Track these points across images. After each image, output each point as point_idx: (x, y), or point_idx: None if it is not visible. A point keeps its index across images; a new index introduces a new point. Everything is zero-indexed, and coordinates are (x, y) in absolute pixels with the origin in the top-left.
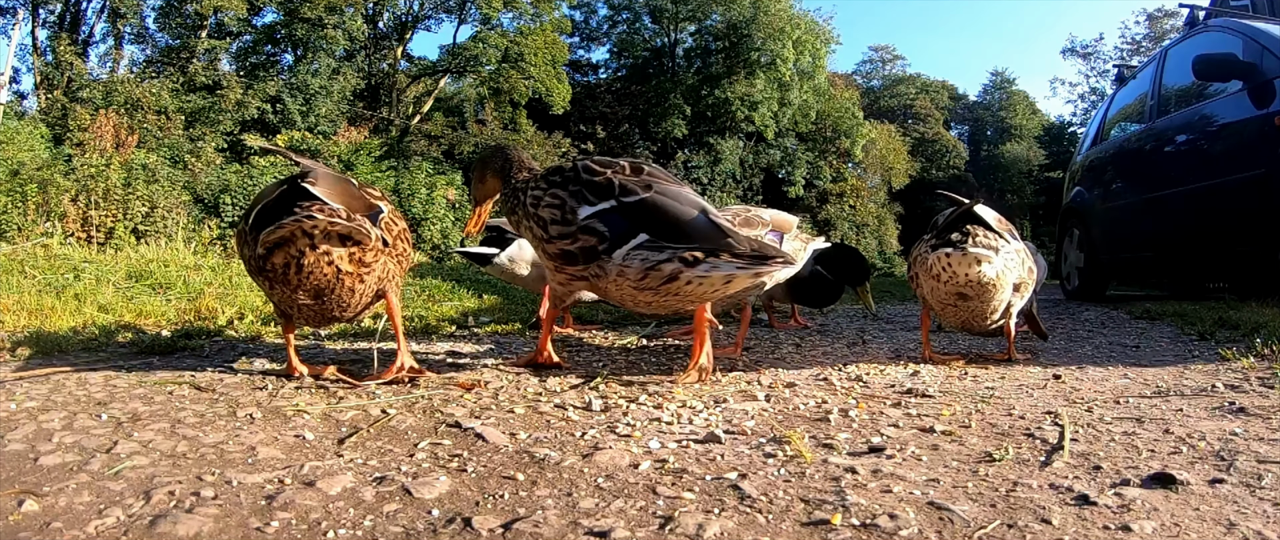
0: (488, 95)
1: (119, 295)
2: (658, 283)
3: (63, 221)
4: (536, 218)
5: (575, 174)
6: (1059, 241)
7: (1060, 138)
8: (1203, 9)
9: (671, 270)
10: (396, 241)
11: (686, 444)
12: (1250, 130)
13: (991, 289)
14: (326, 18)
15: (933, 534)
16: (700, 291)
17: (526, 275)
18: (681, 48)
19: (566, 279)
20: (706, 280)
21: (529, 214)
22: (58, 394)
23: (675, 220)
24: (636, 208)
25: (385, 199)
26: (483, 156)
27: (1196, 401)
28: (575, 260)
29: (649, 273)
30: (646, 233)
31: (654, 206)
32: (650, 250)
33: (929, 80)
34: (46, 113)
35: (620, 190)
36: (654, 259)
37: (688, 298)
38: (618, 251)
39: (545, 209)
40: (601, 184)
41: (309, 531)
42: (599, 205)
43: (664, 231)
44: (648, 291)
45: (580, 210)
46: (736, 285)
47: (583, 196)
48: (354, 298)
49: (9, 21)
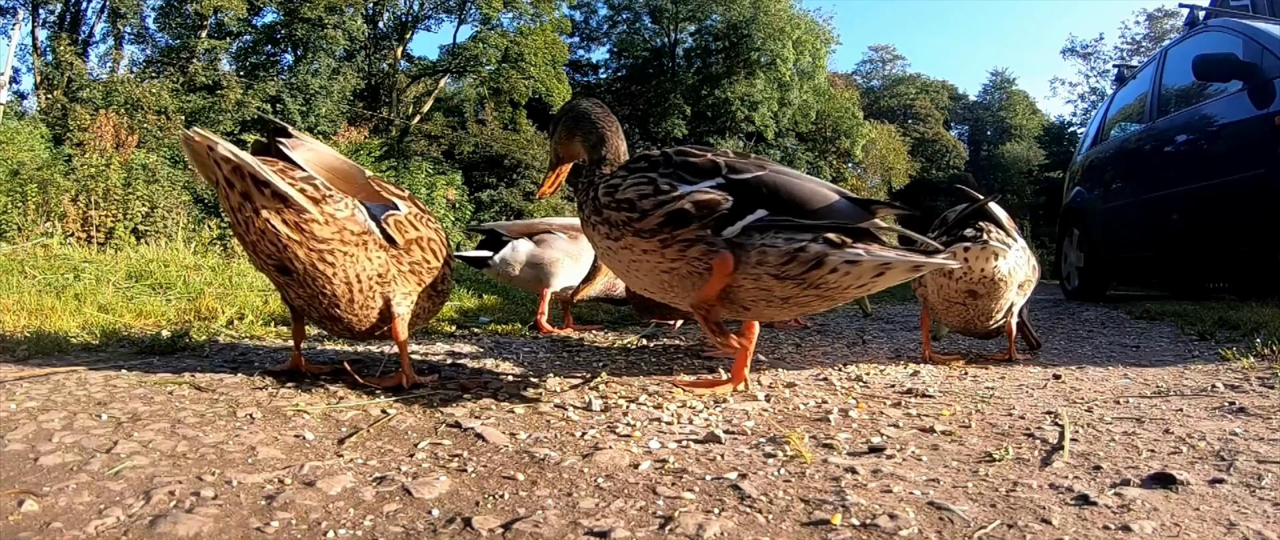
0: (488, 95)
1: (119, 295)
2: (801, 269)
3: (63, 221)
4: (618, 203)
5: (665, 158)
6: (1059, 241)
7: (1060, 138)
8: (1203, 9)
9: (817, 252)
10: (411, 247)
11: (686, 444)
12: (1250, 130)
13: (1003, 285)
14: (326, 18)
15: (933, 534)
16: (844, 283)
17: (522, 276)
18: (681, 48)
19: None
20: (856, 268)
21: (608, 204)
22: (58, 394)
23: (803, 199)
24: (752, 186)
25: (411, 201)
26: (577, 115)
27: (1196, 401)
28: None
29: (794, 256)
30: (767, 210)
31: (775, 185)
32: (790, 231)
33: (929, 80)
34: (46, 113)
35: (728, 169)
36: (798, 239)
37: (829, 290)
38: (731, 228)
39: (629, 190)
40: (703, 165)
41: (309, 531)
42: (702, 182)
43: (791, 211)
44: (789, 282)
45: (680, 187)
46: (889, 279)
47: (681, 177)
48: (332, 286)
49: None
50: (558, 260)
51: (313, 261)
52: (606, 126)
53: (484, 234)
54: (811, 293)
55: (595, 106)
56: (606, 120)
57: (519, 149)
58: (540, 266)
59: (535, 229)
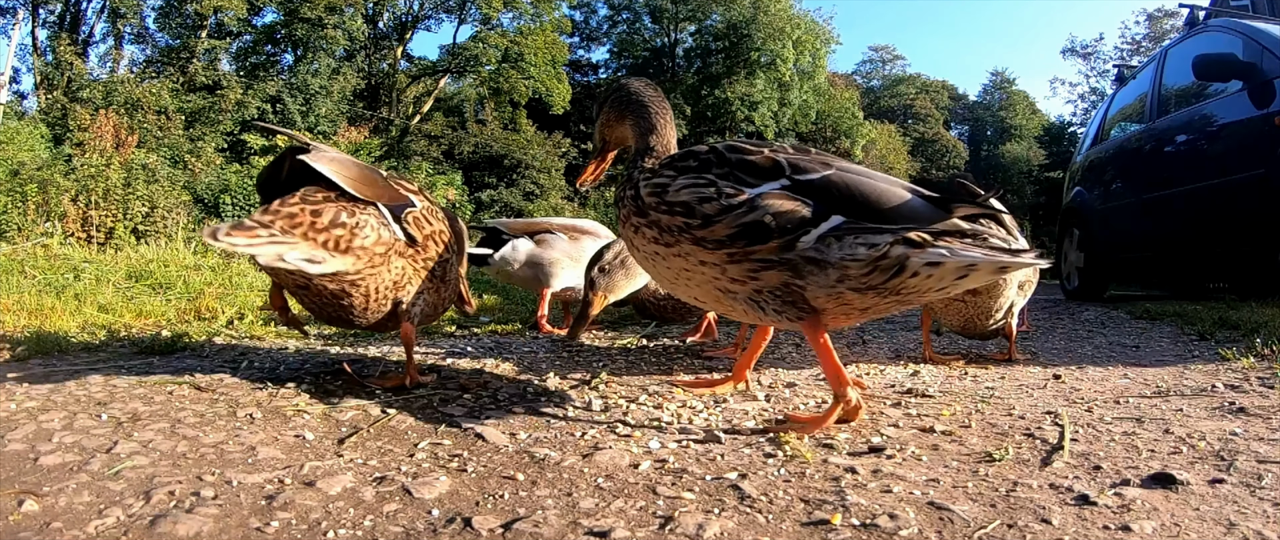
0: (488, 95)
1: (119, 295)
2: (884, 277)
3: (63, 221)
4: (670, 205)
5: (717, 156)
6: (1059, 241)
7: (1060, 138)
8: (1203, 9)
9: (899, 255)
10: (426, 243)
11: (686, 444)
12: (1250, 130)
13: (1003, 283)
14: (326, 18)
15: (933, 534)
16: (928, 285)
17: (521, 274)
18: (681, 48)
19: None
20: (939, 269)
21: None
22: (58, 394)
23: (877, 199)
24: (820, 187)
25: (421, 194)
26: (629, 96)
27: (1196, 401)
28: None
29: (878, 263)
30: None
31: (844, 184)
32: (869, 234)
33: (929, 80)
34: (46, 113)
35: (791, 168)
36: (879, 243)
37: (911, 294)
38: (805, 238)
39: (684, 192)
40: (760, 164)
41: (309, 531)
42: (765, 185)
43: (865, 213)
44: (871, 292)
45: (745, 191)
46: (973, 280)
47: (737, 177)
48: (351, 300)
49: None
50: (558, 260)
51: (344, 289)
52: (660, 114)
53: (485, 231)
54: (892, 299)
55: (648, 87)
56: (660, 106)
57: (519, 149)
58: (540, 266)
59: (536, 228)
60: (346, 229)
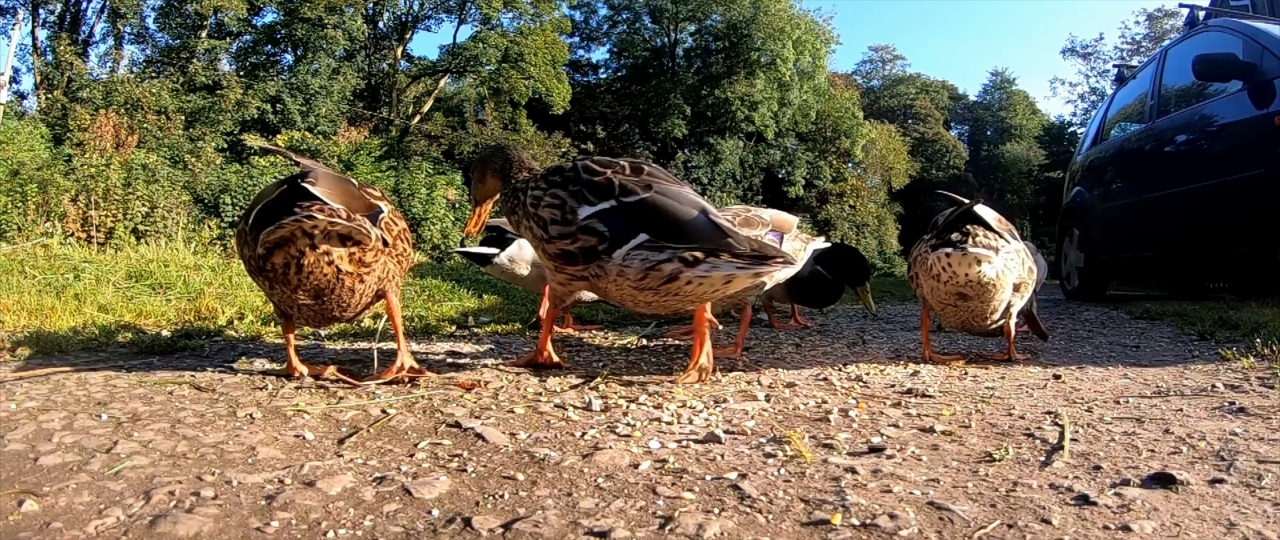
0: (488, 95)
1: (119, 295)
2: (658, 283)
3: (63, 221)
4: (536, 218)
5: (575, 174)
6: (1059, 241)
7: (1060, 138)
8: (1203, 9)
9: (671, 270)
10: (397, 241)
11: (686, 444)
12: (1250, 130)
13: (991, 289)
14: (326, 18)
15: (933, 534)
16: (700, 291)
17: (526, 275)
18: (681, 48)
19: (567, 279)
20: (706, 280)
21: (529, 214)
22: (58, 394)
23: (675, 220)
24: (637, 208)
25: (385, 199)
26: (483, 156)
27: (1196, 401)
28: (575, 260)
29: (649, 273)
30: (647, 233)
31: (654, 206)
32: (650, 250)
33: (929, 80)
34: (46, 113)
35: (620, 190)
36: (654, 259)
37: (688, 298)
38: (618, 252)
39: (545, 209)
40: (601, 184)
41: (309, 531)
42: (599, 205)
43: (664, 231)
44: (648, 291)
45: (580, 210)
46: (736, 285)
47: (583, 196)
48: (354, 297)
49: (9, 21)
50: None
51: (352, 284)
52: (509, 151)
53: (489, 231)
54: (673, 298)
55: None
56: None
57: (522, 147)
58: (543, 266)
59: None
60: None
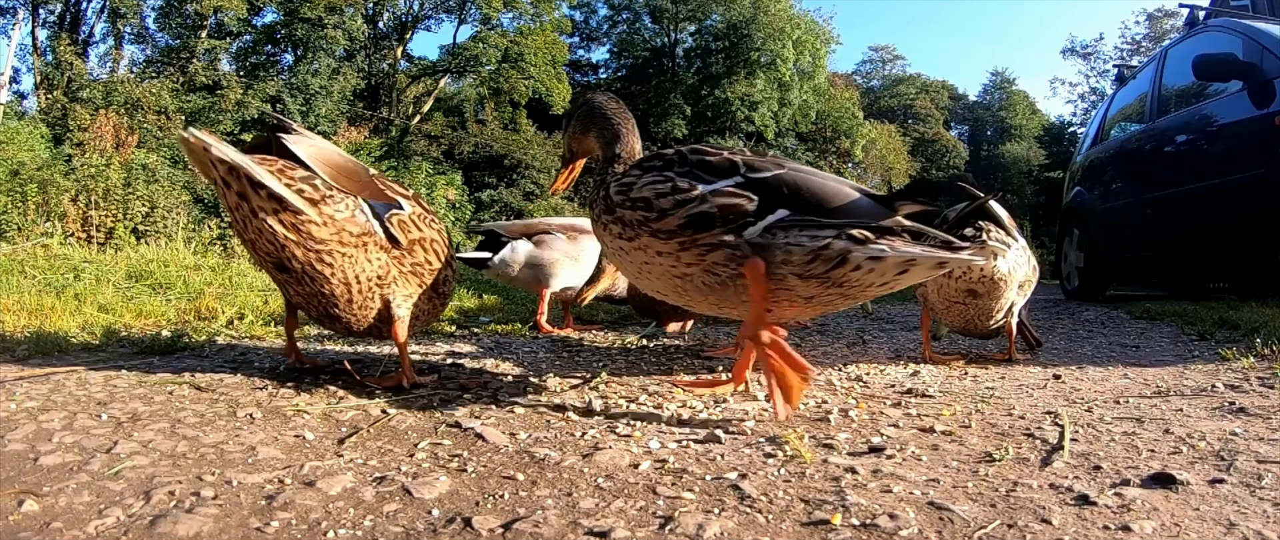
0: (488, 95)
1: (119, 295)
2: (825, 268)
3: (63, 221)
4: (633, 201)
5: (680, 156)
6: (1059, 241)
7: (1060, 138)
8: (1203, 9)
9: (841, 249)
10: (413, 248)
11: (686, 444)
12: (1250, 130)
13: (1003, 285)
14: (326, 18)
15: (933, 534)
16: (866, 280)
17: (521, 276)
18: (681, 48)
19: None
20: (880, 264)
21: (620, 203)
22: (58, 394)
23: (824, 196)
24: (771, 185)
25: (415, 201)
26: (593, 110)
27: (1196, 401)
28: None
29: (819, 254)
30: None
31: (795, 183)
32: (812, 228)
33: (929, 80)
34: (46, 113)
35: (747, 166)
36: (821, 236)
37: (853, 288)
38: (752, 228)
39: (645, 189)
40: (719, 164)
41: (309, 531)
42: (721, 182)
43: (812, 210)
44: (812, 281)
45: (698, 187)
46: (913, 275)
47: (697, 176)
48: (330, 286)
49: (9, 21)
50: (557, 261)
51: (310, 262)
52: (622, 123)
53: (483, 234)
54: (835, 291)
55: (610, 101)
56: (622, 116)
57: (519, 149)
58: (539, 267)
59: (534, 229)
60: (316, 191)
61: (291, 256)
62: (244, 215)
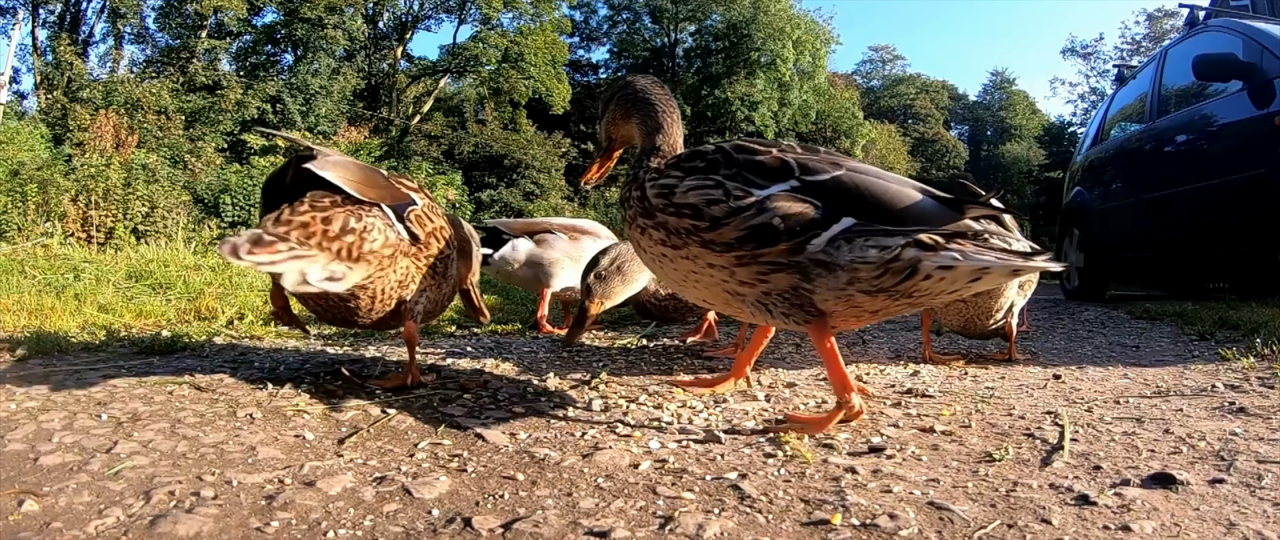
0: (488, 95)
1: (119, 295)
2: (894, 281)
3: (63, 221)
4: (677, 207)
5: (726, 156)
6: (1059, 241)
7: (1060, 138)
8: (1203, 9)
9: (911, 258)
10: (428, 240)
11: (686, 444)
12: (1250, 130)
13: (1005, 285)
14: (326, 18)
15: (933, 534)
16: (938, 289)
17: (520, 274)
18: (681, 48)
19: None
20: (952, 272)
21: (661, 208)
22: (58, 394)
23: (890, 200)
24: (831, 188)
25: (422, 191)
26: (635, 94)
27: (1196, 401)
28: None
29: (887, 267)
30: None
31: (855, 186)
32: (880, 237)
33: (929, 80)
34: (46, 113)
35: (801, 169)
36: (890, 245)
37: (922, 296)
38: (815, 240)
39: (691, 193)
40: (769, 164)
41: (309, 531)
42: (774, 187)
43: (876, 215)
44: (882, 295)
45: (753, 193)
46: (986, 283)
47: (746, 179)
48: (358, 302)
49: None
50: (557, 260)
51: (352, 293)
52: (666, 111)
53: (485, 232)
54: (903, 302)
55: (655, 85)
56: (667, 104)
57: (519, 149)
58: (540, 266)
59: (536, 228)
60: (356, 235)
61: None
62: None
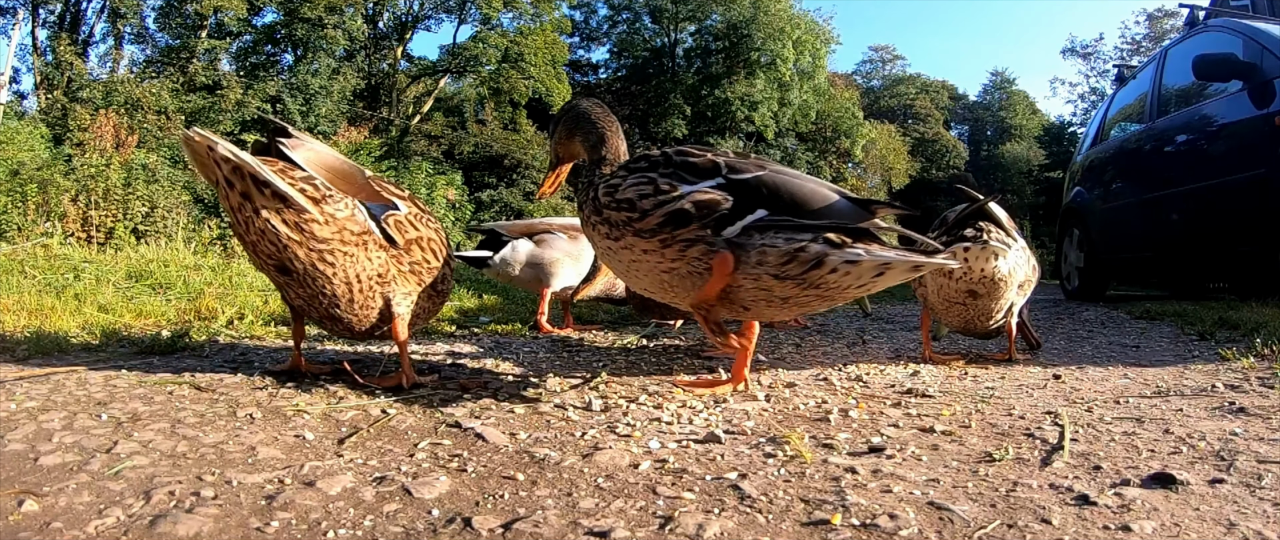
0: (488, 95)
1: (119, 295)
2: (800, 270)
3: (63, 221)
4: (619, 201)
5: (665, 158)
6: (1059, 241)
7: (1060, 138)
8: (1203, 9)
9: (817, 252)
10: (411, 247)
11: (686, 444)
12: (1250, 130)
13: (1003, 285)
14: (326, 18)
15: (933, 534)
16: (845, 282)
17: (522, 275)
18: (681, 48)
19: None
20: (856, 268)
21: (606, 205)
22: (58, 394)
23: (804, 198)
24: (752, 186)
25: (412, 201)
26: (576, 115)
27: (1196, 401)
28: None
29: (794, 256)
30: (767, 209)
31: (775, 185)
32: (790, 230)
33: (929, 80)
34: (46, 113)
35: (728, 168)
36: (798, 239)
37: (829, 290)
38: (731, 228)
39: (630, 190)
40: (703, 165)
41: (309, 531)
42: (702, 183)
43: (791, 211)
44: (789, 282)
45: (680, 188)
46: (889, 279)
47: (681, 177)
48: (332, 286)
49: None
50: (558, 260)
51: (312, 261)
52: (606, 126)
53: (484, 234)
54: (812, 293)
55: (595, 106)
56: (606, 120)
57: (519, 149)
58: (540, 266)
59: (535, 229)
60: (317, 190)
61: (293, 257)
62: (246, 216)
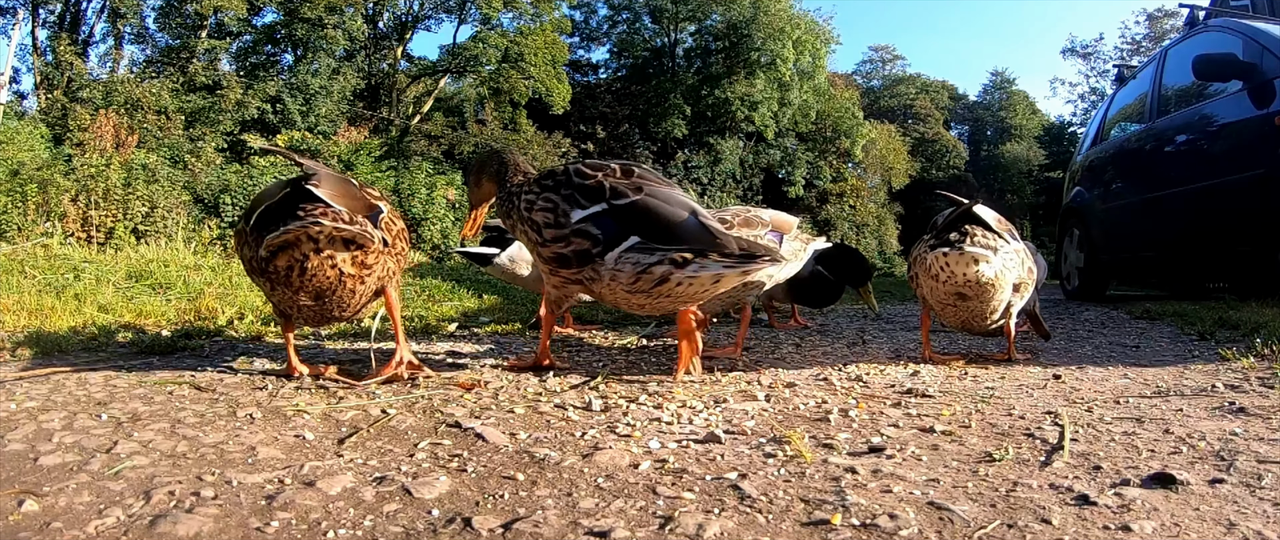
0: (488, 95)
1: (119, 295)
2: (650, 285)
3: (63, 221)
4: (530, 222)
5: (567, 177)
6: (1059, 241)
7: (1060, 138)
8: (1203, 9)
9: (662, 272)
10: (396, 240)
11: (686, 444)
12: (1250, 130)
13: (990, 289)
14: (326, 18)
15: (933, 534)
16: (691, 291)
17: (527, 275)
18: (681, 48)
19: (561, 282)
20: (696, 280)
21: (523, 218)
22: (58, 394)
23: (666, 222)
24: (628, 210)
25: (384, 198)
26: (479, 160)
27: (1196, 401)
28: (569, 264)
29: (641, 275)
30: (638, 235)
31: (645, 208)
32: (641, 253)
33: (929, 80)
34: (46, 113)
35: (612, 192)
36: (645, 261)
37: (680, 298)
38: (609, 254)
39: (539, 213)
40: (593, 187)
41: (309, 531)
42: (590, 208)
43: (655, 233)
44: (640, 294)
45: (573, 213)
46: (725, 285)
47: (575, 200)
48: (354, 298)
49: (9, 21)
50: None
51: (353, 286)
52: (505, 155)
53: (489, 232)
54: (666, 299)
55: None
56: (507, 155)
57: (519, 149)
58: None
59: None
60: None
61: (340, 286)
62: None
